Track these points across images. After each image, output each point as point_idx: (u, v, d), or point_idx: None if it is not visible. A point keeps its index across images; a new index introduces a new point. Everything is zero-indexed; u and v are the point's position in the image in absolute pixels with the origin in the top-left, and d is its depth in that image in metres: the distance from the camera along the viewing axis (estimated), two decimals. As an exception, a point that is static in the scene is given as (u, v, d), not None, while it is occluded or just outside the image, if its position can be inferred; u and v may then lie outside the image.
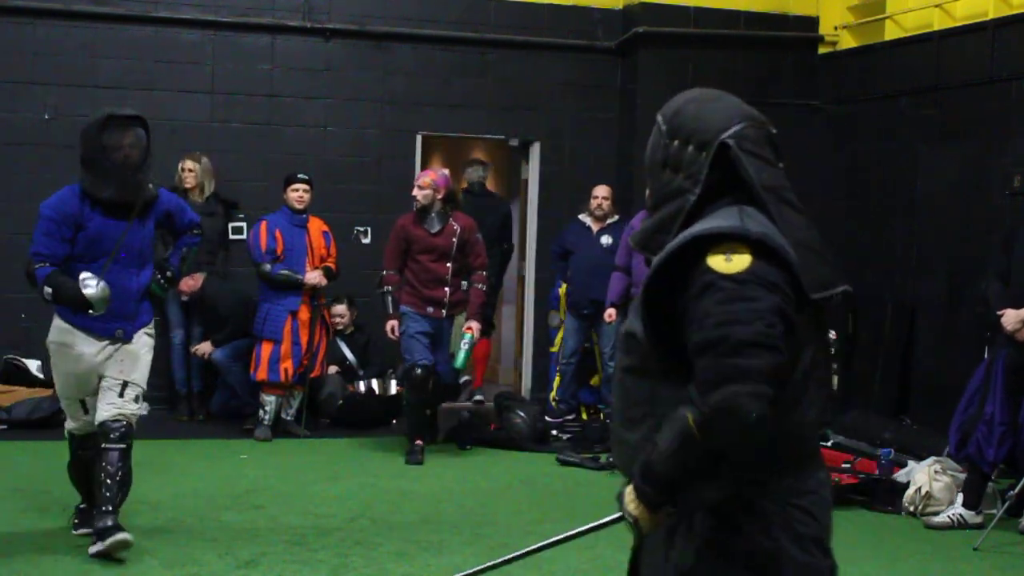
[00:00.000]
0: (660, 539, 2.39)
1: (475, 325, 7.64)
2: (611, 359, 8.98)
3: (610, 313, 8.06)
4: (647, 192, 2.64)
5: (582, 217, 9.02)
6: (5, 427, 7.89)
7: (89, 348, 5.24)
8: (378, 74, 9.33)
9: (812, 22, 9.82)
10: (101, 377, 5.27)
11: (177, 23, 8.96)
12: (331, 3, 9.24)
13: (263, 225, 8.01)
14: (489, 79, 9.54)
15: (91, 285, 5.03)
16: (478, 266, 7.74)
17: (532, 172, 9.82)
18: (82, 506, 5.56)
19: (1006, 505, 6.12)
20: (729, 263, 2.24)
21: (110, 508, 5.19)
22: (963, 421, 6.30)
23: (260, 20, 9.11)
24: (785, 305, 2.25)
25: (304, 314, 8.00)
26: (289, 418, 8.21)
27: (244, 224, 8.77)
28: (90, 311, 5.08)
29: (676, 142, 2.46)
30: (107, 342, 5.26)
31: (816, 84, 9.78)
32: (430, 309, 7.57)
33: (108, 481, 5.19)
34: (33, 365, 8.42)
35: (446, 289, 7.58)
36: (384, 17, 9.35)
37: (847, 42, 9.61)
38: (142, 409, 5.53)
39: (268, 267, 7.91)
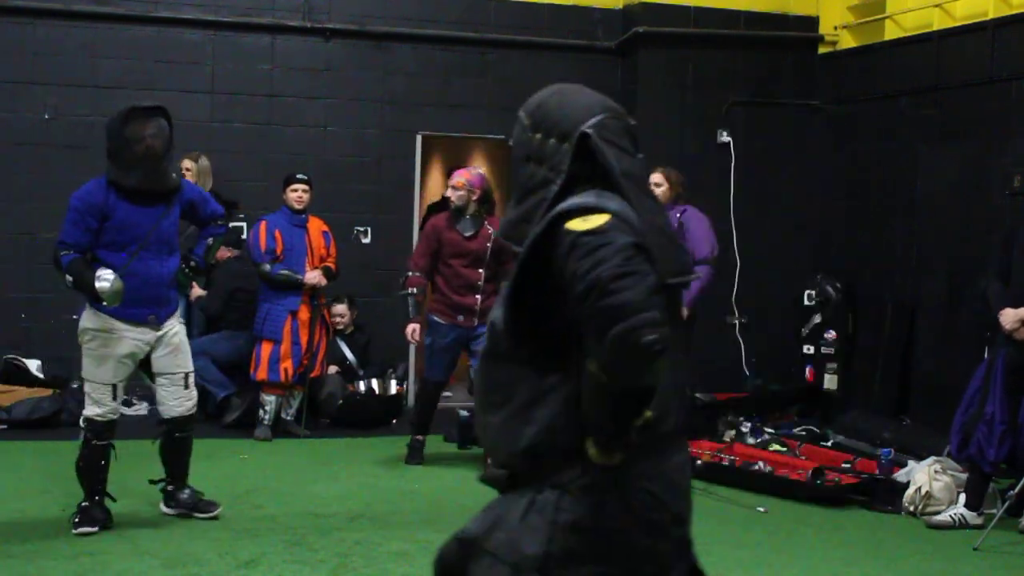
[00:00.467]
0: (518, 509, 2.45)
1: None
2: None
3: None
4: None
5: None
6: (5, 427, 7.89)
7: (129, 333, 5.51)
8: (378, 74, 9.33)
9: (812, 22, 9.83)
10: (141, 367, 5.65)
11: (177, 23, 8.97)
12: (331, 3, 9.24)
13: (263, 225, 8.01)
14: (489, 79, 9.54)
15: (105, 279, 5.30)
16: None
17: (532, 172, 9.81)
18: (84, 504, 5.56)
19: (1006, 505, 6.12)
20: (586, 222, 2.31)
21: (187, 481, 5.89)
22: (964, 422, 6.28)
23: (260, 20, 9.11)
24: (647, 248, 2.29)
25: (304, 314, 8.00)
26: (289, 418, 8.21)
27: (244, 224, 8.77)
28: (103, 303, 5.35)
29: (539, 135, 2.51)
30: (144, 328, 5.54)
31: (816, 84, 9.78)
32: (460, 317, 7.18)
33: (183, 459, 5.83)
34: (33, 365, 8.42)
35: (478, 296, 7.16)
36: (384, 17, 9.35)
37: (847, 42, 9.61)
38: None
39: (268, 267, 7.91)
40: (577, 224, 2.31)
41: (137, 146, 5.36)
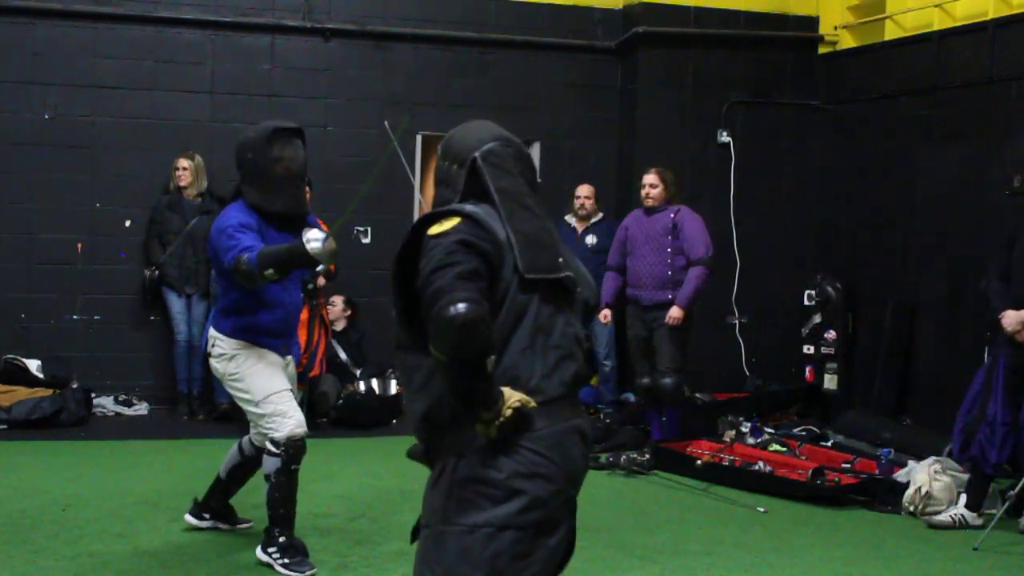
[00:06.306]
0: (432, 480, 2.92)
1: None
2: (605, 359, 8.97)
3: (605, 314, 8.04)
4: None
5: (567, 218, 9.03)
6: (5, 427, 7.89)
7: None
8: (378, 74, 9.33)
9: (812, 22, 9.83)
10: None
11: (177, 23, 8.97)
12: (331, 3, 9.24)
13: (262, 225, 7.99)
14: (489, 79, 9.54)
15: (315, 239, 4.80)
16: None
17: (532, 172, 9.80)
18: (284, 539, 5.19)
19: (1006, 505, 6.12)
20: (440, 226, 2.83)
21: None
22: (966, 423, 6.28)
23: (260, 20, 9.11)
24: (475, 243, 2.77)
25: (303, 313, 7.97)
26: (289, 418, 8.19)
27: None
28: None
29: (446, 163, 3.02)
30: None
31: (816, 84, 9.78)
32: None
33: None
34: (33, 365, 8.42)
35: None
36: (384, 17, 9.35)
37: (847, 42, 9.62)
38: None
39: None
40: (433, 229, 2.83)
41: (278, 167, 5.01)
